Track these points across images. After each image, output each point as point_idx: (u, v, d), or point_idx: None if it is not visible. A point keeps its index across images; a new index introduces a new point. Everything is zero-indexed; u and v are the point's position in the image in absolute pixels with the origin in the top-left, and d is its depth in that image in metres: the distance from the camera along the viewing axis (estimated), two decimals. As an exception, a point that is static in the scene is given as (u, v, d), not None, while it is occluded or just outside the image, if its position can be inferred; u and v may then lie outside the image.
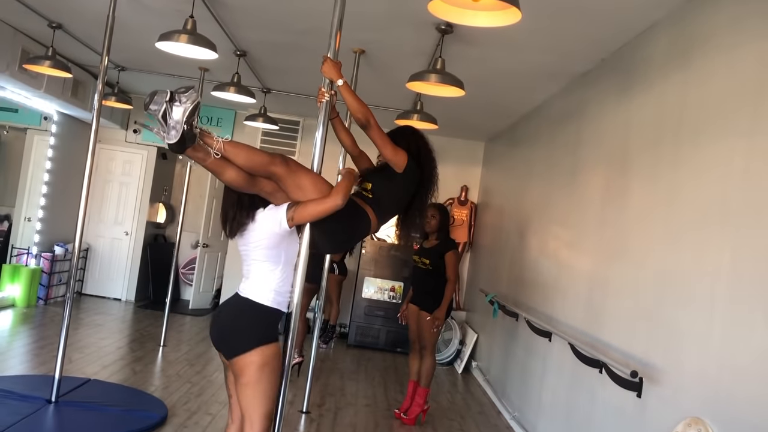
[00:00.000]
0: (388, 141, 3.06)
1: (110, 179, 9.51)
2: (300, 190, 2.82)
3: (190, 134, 2.62)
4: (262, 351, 2.77)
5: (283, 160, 2.83)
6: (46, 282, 8.29)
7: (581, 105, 5.03)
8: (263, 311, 2.83)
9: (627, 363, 3.45)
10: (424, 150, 3.22)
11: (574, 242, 4.78)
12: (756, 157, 2.65)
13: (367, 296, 8.43)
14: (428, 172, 3.20)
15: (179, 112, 2.59)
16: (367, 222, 3.01)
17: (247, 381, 2.77)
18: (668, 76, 3.56)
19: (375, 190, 3.08)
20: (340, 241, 3.12)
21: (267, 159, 2.80)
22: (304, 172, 2.87)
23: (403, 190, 3.14)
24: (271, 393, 2.83)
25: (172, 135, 2.59)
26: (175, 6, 4.68)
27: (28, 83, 6.65)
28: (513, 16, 2.83)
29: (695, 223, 3.04)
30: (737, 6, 2.98)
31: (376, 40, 4.93)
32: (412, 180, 3.14)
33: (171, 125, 2.59)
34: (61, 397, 4.51)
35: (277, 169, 2.79)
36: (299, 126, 9.11)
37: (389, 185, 3.09)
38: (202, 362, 6.52)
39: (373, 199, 3.05)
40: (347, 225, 2.97)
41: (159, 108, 2.59)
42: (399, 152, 3.07)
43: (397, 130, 3.33)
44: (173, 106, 2.59)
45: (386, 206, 3.10)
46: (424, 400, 5.44)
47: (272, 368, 2.81)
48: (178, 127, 2.59)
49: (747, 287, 2.59)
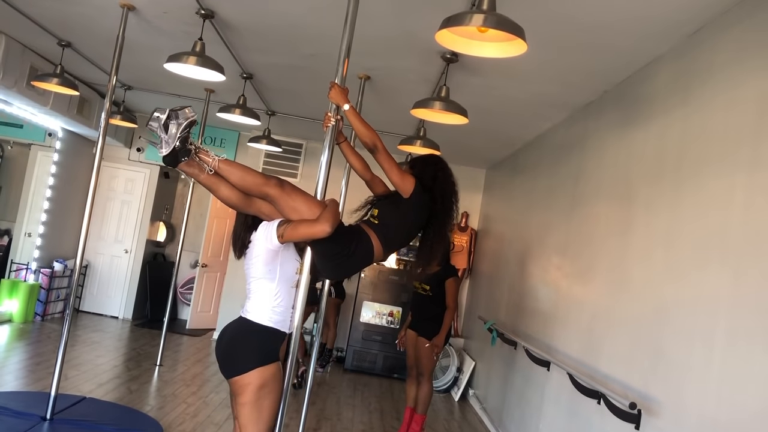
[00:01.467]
0: (395, 165, 3.01)
1: (112, 197, 9.54)
2: (295, 212, 2.84)
3: (182, 149, 2.78)
4: (260, 372, 2.80)
5: (278, 183, 2.86)
6: (44, 298, 8.27)
7: (583, 136, 5.07)
8: (262, 332, 2.86)
9: (626, 394, 3.44)
10: (441, 180, 3.15)
11: (574, 272, 4.79)
12: (756, 193, 2.67)
13: (365, 320, 8.41)
14: (443, 203, 3.12)
15: (174, 128, 2.75)
16: (370, 249, 2.95)
17: (245, 401, 2.80)
18: (670, 111, 3.60)
19: (381, 216, 3.02)
20: (339, 265, 3.00)
21: (261, 180, 2.86)
22: (299, 194, 2.88)
23: (411, 217, 3.06)
24: (268, 414, 2.84)
25: (164, 148, 2.77)
26: (184, 28, 4.74)
27: (35, 99, 6.70)
28: (518, 47, 2.87)
29: (695, 256, 3.06)
30: (738, 43, 3.03)
31: (382, 67, 4.99)
32: (421, 208, 3.06)
33: (165, 139, 2.76)
34: (56, 415, 4.48)
35: (271, 190, 2.84)
36: (302, 149, 9.16)
37: (397, 212, 3.02)
38: (198, 383, 6.48)
39: (378, 225, 2.99)
40: (348, 250, 2.91)
41: (157, 124, 2.76)
42: (406, 177, 3.02)
43: (421, 156, 3.32)
44: (170, 123, 2.75)
45: (393, 234, 3.01)
46: (420, 427, 5.41)
47: (270, 389, 2.82)
48: (170, 141, 2.76)
49: (746, 322, 2.60)
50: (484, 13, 2.66)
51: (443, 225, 3.15)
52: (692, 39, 3.46)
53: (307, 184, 3.15)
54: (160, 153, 2.79)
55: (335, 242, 2.86)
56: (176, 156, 2.79)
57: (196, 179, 2.93)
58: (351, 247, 2.92)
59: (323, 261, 2.96)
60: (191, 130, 2.81)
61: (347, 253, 2.92)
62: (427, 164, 3.21)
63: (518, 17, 2.79)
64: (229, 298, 8.96)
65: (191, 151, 2.82)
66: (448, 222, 3.17)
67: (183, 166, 2.84)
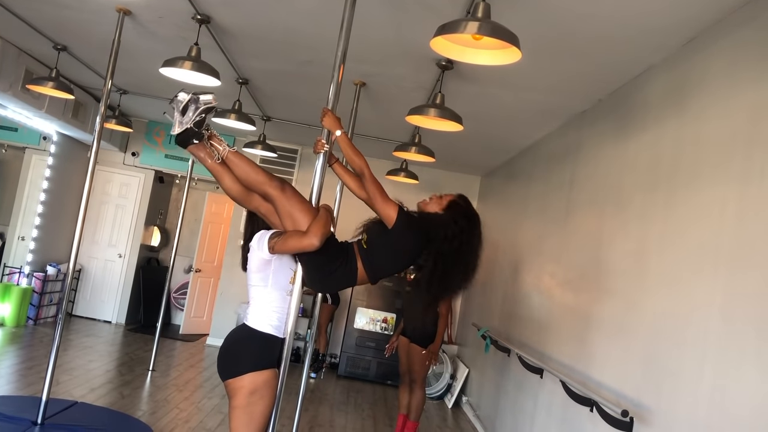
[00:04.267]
0: (380, 193, 2.91)
1: (106, 201, 9.52)
2: (289, 218, 2.84)
3: (195, 132, 2.86)
4: (253, 377, 2.81)
5: (280, 184, 2.88)
6: (36, 302, 8.23)
7: (577, 144, 5.09)
8: (257, 337, 2.87)
9: (618, 402, 3.44)
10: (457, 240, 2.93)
11: (567, 280, 4.80)
12: (748, 203, 2.68)
13: (359, 327, 8.40)
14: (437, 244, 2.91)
15: (192, 112, 2.83)
16: (353, 271, 2.88)
17: (236, 405, 2.82)
18: (663, 120, 3.62)
19: (369, 242, 2.95)
20: (321, 280, 2.97)
21: (264, 178, 2.88)
22: (297, 200, 2.88)
23: (399, 246, 2.91)
24: (260, 421, 2.83)
25: (177, 128, 2.84)
26: (180, 33, 4.75)
27: (30, 103, 6.70)
28: (513, 55, 2.88)
29: (688, 265, 3.07)
30: (731, 52, 3.05)
31: (377, 73, 5.00)
32: (409, 236, 2.90)
33: (179, 120, 2.84)
34: (47, 419, 4.46)
35: (272, 190, 2.86)
36: (297, 154, 9.17)
37: (382, 239, 2.91)
38: (191, 388, 6.46)
39: (366, 250, 2.92)
40: (332, 267, 2.88)
41: (177, 105, 2.83)
42: (388, 206, 2.88)
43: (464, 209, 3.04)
44: (189, 106, 2.83)
45: (379, 260, 2.92)
46: None
47: (262, 395, 2.83)
48: (184, 123, 2.83)
49: (738, 331, 2.61)
50: (478, 21, 2.67)
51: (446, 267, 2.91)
52: (686, 48, 3.49)
53: (303, 189, 3.14)
54: (172, 132, 2.87)
55: (322, 256, 2.84)
56: (188, 137, 2.87)
57: (203, 163, 3.00)
58: (335, 264, 2.88)
59: (308, 272, 2.94)
60: (209, 115, 2.88)
61: (330, 270, 2.89)
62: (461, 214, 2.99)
63: (513, 25, 2.80)
64: (223, 304, 8.94)
65: (203, 136, 2.90)
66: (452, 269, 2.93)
67: (192, 149, 2.92)
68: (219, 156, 2.91)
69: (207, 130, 2.90)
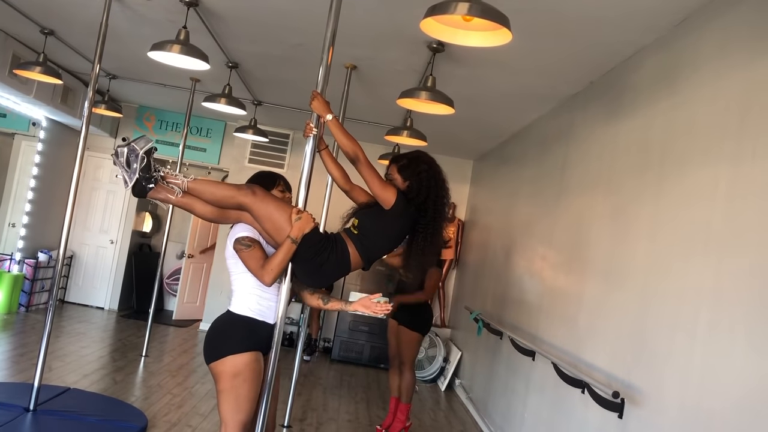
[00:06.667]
0: (377, 176, 2.98)
1: (97, 187, 9.46)
2: (269, 221, 2.89)
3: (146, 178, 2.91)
4: (233, 359, 2.88)
5: (250, 190, 2.93)
6: (28, 289, 8.21)
7: (569, 127, 5.08)
8: (237, 321, 2.96)
9: (609, 384, 3.46)
10: (433, 186, 3.09)
11: (559, 263, 4.81)
12: (739, 185, 2.68)
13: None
14: (434, 209, 3.06)
15: (134, 162, 2.87)
16: (345, 258, 2.97)
17: (221, 389, 2.89)
18: (655, 102, 3.61)
19: (361, 226, 3.01)
20: (312, 274, 3.01)
21: (232, 191, 2.93)
22: (271, 200, 2.94)
23: (394, 228, 3.03)
24: (246, 404, 2.88)
25: (129, 182, 2.90)
26: (168, 16, 4.70)
27: (18, 88, 6.63)
28: (503, 36, 2.87)
29: (679, 247, 3.08)
30: (722, 33, 3.04)
31: (368, 56, 4.96)
32: (404, 217, 3.02)
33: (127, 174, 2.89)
34: (39, 406, 4.45)
35: (244, 198, 2.91)
36: (289, 139, 9.12)
37: (377, 222, 3.00)
38: (184, 373, 6.47)
39: (358, 236, 2.99)
40: (317, 259, 2.93)
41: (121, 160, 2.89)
42: (387, 188, 2.98)
43: (414, 158, 3.17)
44: (130, 156, 2.88)
45: (373, 243, 3.00)
46: (405, 417, 5.42)
47: (245, 378, 2.88)
48: (132, 174, 2.88)
49: (728, 313, 2.61)
50: (468, 2, 2.66)
51: (435, 232, 3.08)
52: (677, 29, 3.47)
53: (295, 174, 3.15)
54: (126, 188, 2.90)
55: (307, 252, 2.89)
56: (142, 186, 2.91)
57: (167, 203, 3.06)
58: (323, 255, 2.93)
59: (298, 268, 2.99)
60: (152, 157, 2.90)
61: (320, 261, 2.94)
62: (418, 168, 3.11)
63: (503, 6, 2.78)
64: (215, 289, 8.93)
65: (157, 179, 2.93)
66: (439, 228, 3.10)
67: (152, 194, 2.96)
68: (180, 189, 2.95)
69: (157, 171, 2.93)
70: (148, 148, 2.88)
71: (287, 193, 3.25)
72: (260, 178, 3.22)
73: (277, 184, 3.23)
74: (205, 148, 9.46)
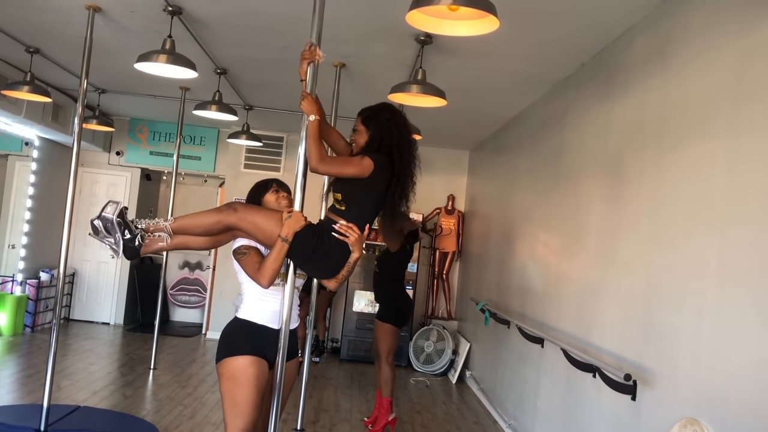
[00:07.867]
0: (344, 161, 3.01)
1: (94, 202, 9.40)
2: (259, 231, 2.90)
3: (132, 239, 2.94)
4: (227, 363, 2.92)
5: (230, 208, 2.95)
6: (32, 309, 8.19)
7: (563, 111, 5.05)
8: (240, 325, 3.01)
9: (620, 366, 3.44)
10: (396, 133, 3.05)
11: (561, 248, 4.78)
12: (738, 156, 2.66)
13: (358, 310, 8.38)
14: (400, 158, 3.03)
15: (112, 228, 2.92)
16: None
17: (220, 390, 2.97)
18: (647, 79, 3.58)
19: (346, 199, 2.97)
20: (323, 266, 3.01)
21: (215, 216, 2.95)
22: (255, 211, 2.96)
23: (376, 186, 2.99)
24: (244, 407, 2.87)
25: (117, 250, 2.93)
26: (152, 26, 4.66)
27: (8, 109, 6.59)
28: (491, 24, 2.84)
29: (682, 224, 3.05)
30: (711, 5, 3.00)
31: (356, 53, 4.93)
32: (385, 174, 2.99)
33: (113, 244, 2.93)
34: (50, 426, 4.42)
35: (228, 218, 2.92)
36: (283, 142, 9.09)
37: (360, 189, 2.98)
38: (194, 384, 6.45)
39: (346, 210, 2.96)
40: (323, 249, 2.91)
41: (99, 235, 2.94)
42: (361, 162, 2.94)
43: (377, 108, 3.15)
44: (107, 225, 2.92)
45: (363, 211, 2.99)
46: (387, 411, 5.31)
47: (238, 381, 2.88)
48: (118, 241, 2.92)
49: (735, 286, 2.59)
50: (453, -9, 2.62)
51: (405, 180, 3.05)
52: (665, 5, 3.43)
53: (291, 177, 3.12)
54: (116, 257, 2.96)
55: (306, 249, 2.89)
56: (132, 248, 2.94)
57: (162, 251, 3.15)
58: (324, 246, 2.91)
59: (309, 269, 3.03)
60: (125, 217, 2.94)
61: (323, 253, 2.92)
62: (380, 117, 3.08)
63: (488, -7, 2.74)
64: (220, 297, 8.91)
65: (142, 236, 2.98)
66: (409, 175, 3.07)
67: (144, 251, 3.00)
68: (167, 234, 3.00)
69: (137, 228, 2.97)
70: (119, 211, 2.92)
71: (282, 192, 3.19)
72: (251, 191, 3.23)
73: (269, 187, 3.19)
74: (199, 157, 9.42)
